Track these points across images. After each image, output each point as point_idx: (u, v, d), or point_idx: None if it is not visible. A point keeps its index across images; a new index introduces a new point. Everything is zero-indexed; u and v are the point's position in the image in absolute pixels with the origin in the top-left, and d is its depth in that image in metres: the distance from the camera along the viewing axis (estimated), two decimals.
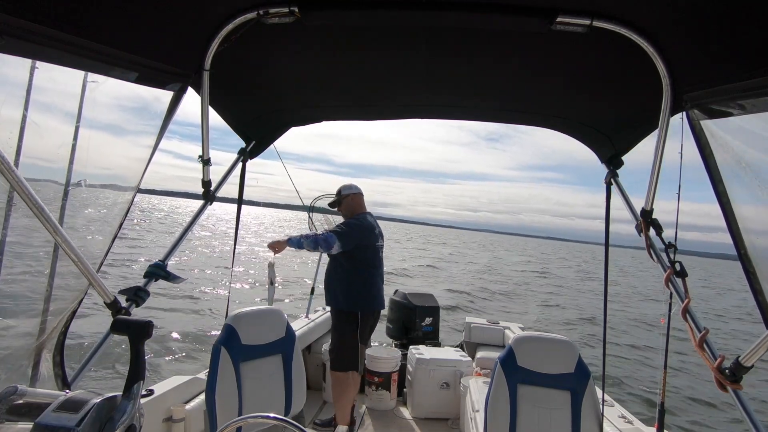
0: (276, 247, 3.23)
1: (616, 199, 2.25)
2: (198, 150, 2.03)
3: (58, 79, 1.43)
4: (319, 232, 3.33)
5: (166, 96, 1.74)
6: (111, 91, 1.53)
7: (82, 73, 1.48)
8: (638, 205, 1.97)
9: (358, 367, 3.36)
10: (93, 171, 1.57)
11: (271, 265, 3.28)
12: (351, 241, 3.25)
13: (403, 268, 22.70)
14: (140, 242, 22.62)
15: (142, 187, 1.65)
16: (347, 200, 3.53)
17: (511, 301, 17.49)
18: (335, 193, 3.61)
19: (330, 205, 3.65)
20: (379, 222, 3.57)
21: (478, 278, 23.30)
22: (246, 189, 2.57)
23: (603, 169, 2.39)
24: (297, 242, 3.22)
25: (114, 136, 1.65)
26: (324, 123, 2.67)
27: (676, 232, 1.92)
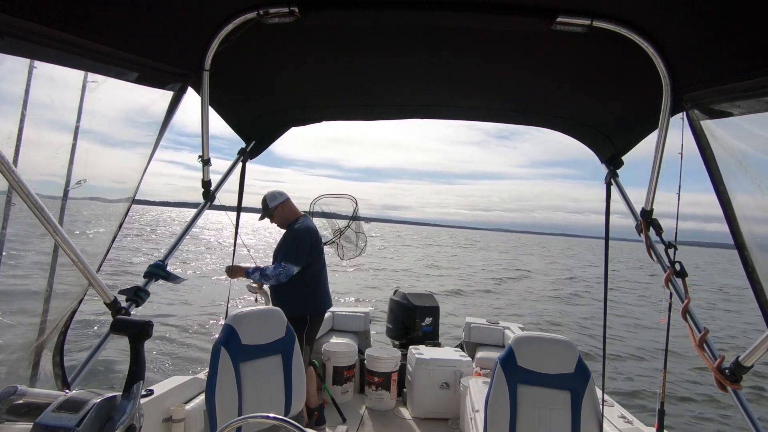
0: (233, 273, 3.16)
1: (619, 197, 2.24)
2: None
3: (57, 80, 1.43)
4: (272, 266, 3.19)
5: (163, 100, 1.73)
6: (109, 97, 1.53)
7: (81, 73, 1.48)
8: (639, 204, 1.96)
9: (314, 363, 3.70)
10: (92, 172, 1.57)
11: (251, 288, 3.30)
12: (304, 255, 3.23)
13: (491, 291, 18.07)
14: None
15: (155, 199, 1.65)
16: (278, 211, 3.40)
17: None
18: (261, 206, 3.45)
19: (261, 219, 3.52)
20: (390, 225, 3.48)
21: (585, 293, 19.08)
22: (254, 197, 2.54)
23: None
24: (258, 278, 3.16)
25: (113, 140, 1.65)
26: (331, 126, 2.68)
27: (676, 232, 1.92)
